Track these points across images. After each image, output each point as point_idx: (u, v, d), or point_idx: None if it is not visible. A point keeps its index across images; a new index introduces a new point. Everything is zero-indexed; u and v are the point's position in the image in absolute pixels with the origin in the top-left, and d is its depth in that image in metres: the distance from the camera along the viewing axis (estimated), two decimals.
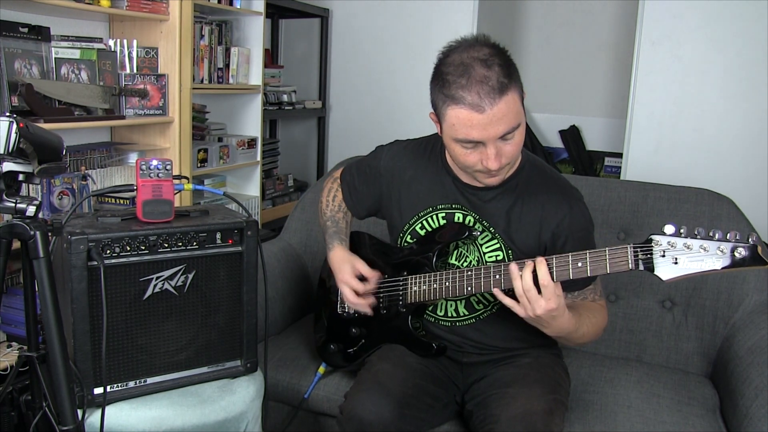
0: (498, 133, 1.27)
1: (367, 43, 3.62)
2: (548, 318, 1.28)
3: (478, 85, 1.24)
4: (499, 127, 1.27)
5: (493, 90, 1.24)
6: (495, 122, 1.26)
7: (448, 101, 1.29)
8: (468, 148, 1.32)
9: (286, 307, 2.05)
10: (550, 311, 1.26)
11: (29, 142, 1.15)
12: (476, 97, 1.24)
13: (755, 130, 2.73)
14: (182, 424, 1.36)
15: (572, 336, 1.37)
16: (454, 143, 1.33)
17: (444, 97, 1.29)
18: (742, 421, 1.48)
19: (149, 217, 1.40)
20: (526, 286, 1.26)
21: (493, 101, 1.24)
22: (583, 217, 1.46)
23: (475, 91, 1.24)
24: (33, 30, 2.02)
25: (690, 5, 2.78)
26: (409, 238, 1.57)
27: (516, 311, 1.30)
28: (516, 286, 1.28)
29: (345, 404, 1.42)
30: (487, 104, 1.24)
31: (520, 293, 1.28)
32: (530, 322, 1.32)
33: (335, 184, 1.76)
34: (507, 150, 1.32)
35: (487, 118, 1.25)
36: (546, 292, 1.25)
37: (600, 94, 3.91)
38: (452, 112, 1.28)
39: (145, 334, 1.38)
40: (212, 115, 3.04)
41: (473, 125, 1.27)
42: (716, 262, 1.14)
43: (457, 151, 1.34)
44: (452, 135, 1.31)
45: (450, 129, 1.31)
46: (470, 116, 1.26)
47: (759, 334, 1.64)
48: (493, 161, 1.30)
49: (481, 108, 1.25)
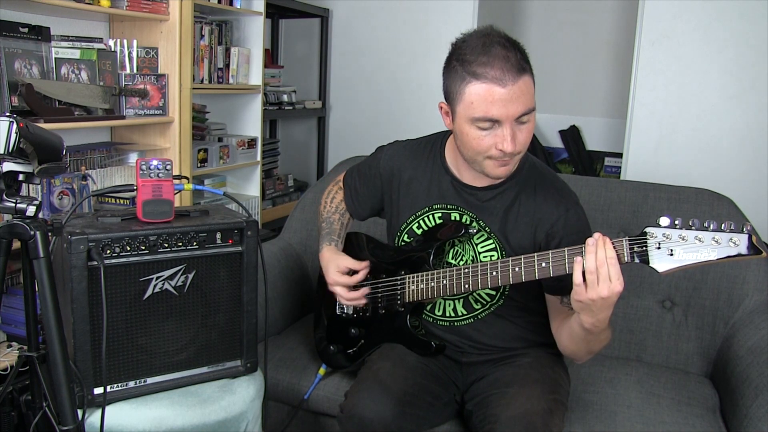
0: (517, 111, 1.28)
1: (367, 43, 3.62)
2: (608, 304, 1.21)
3: (501, 60, 1.26)
4: (519, 106, 1.27)
5: (514, 67, 1.26)
6: (515, 100, 1.27)
7: (468, 78, 1.29)
8: (484, 129, 1.31)
9: (286, 307, 2.05)
10: (617, 294, 1.19)
11: (29, 142, 1.15)
12: (499, 71, 1.26)
13: (755, 130, 2.73)
14: (182, 424, 1.36)
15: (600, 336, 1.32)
16: (470, 126, 1.32)
17: (464, 74, 1.30)
18: (742, 421, 1.48)
19: (149, 217, 1.40)
20: (600, 262, 1.19)
21: (514, 78, 1.26)
22: (578, 220, 1.46)
23: (498, 66, 1.26)
24: (33, 30, 2.02)
25: (690, 5, 2.78)
26: (406, 237, 1.57)
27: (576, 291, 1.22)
28: (589, 261, 1.20)
29: (345, 403, 1.42)
30: (509, 79, 1.26)
31: (592, 269, 1.19)
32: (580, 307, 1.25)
33: (335, 187, 1.77)
34: (521, 137, 1.32)
35: (509, 93, 1.26)
36: (614, 272, 1.19)
37: (600, 94, 3.91)
38: (472, 88, 1.29)
39: (145, 334, 1.38)
40: (212, 115, 3.04)
41: (494, 100, 1.27)
42: (711, 253, 1.14)
43: (471, 134, 1.33)
44: (470, 114, 1.31)
45: (467, 108, 1.31)
46: (492, 91, 1.26)
47: (759, 334, 1.64)
48: (509, 143, 1.29)
49: (503, 82, 1.26)
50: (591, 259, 1.20)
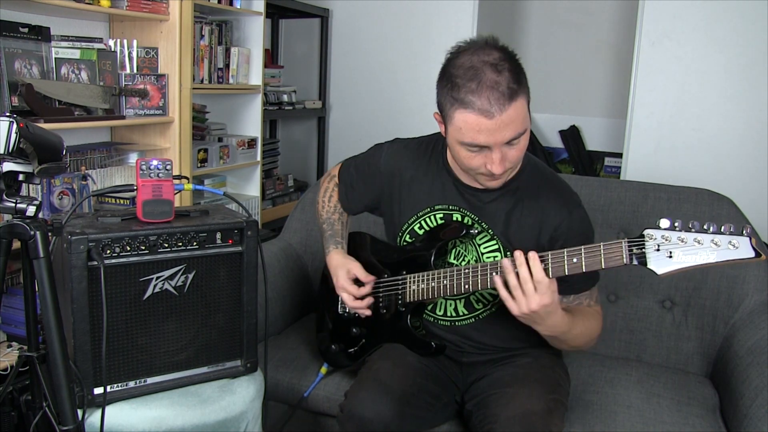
0: (505, 138, 1.27)
1: (367, 43, 3.62)
2: (543, 314, 1.27)
3: (488, 90, 1.24)
4: (507, 132, 1.26)
5: (502, 96, 1.24)
6: (503, 128, 1.25)
7: (456, 104, 1.28)
8: (473, 151, 1.31)
9: (286, 307, 2.05)
10: (544, 306, 1.25)
11: (29, 142, 1.15)
12: (486, 102, 1.24)
13: (755, 130, 2.73)
14: (182, 424, 1.36)
15: (565, 337, 1.36)
16: (459, 146, 1.33)
17: (453, 100, 1.28)
18: (742, 421, 1.48)
19: (149, 217, 1.40)
20: (523, 279, 1.25)
21: (502, 107, 1.24)
22: (582, 222, 1.46)
23: (485, 97, 1.24)
24: (33, 30, 2.02)
25: (690, 5, 2.78)
26: (408, 237, 1.57)
27: (509, 306, 1.29)
28: (510, 280, 1.27)
29: (345, 403, 1.42)
30: (496, 110, 1.24)
31: (514, 285, 1.26)
32: (523, 319, 1.31)
33: (331, 184, 1.76)
34: (511, 154, 1.31)
35: (496, 124, 1.25)
36: (540, 287, 1.24)
37: (600, 94, 3.91)
38: (460, 116, 1.28)
39: (145, 334, 1.38)
40: (212, 115, 3.04)
41: (481, 130, 1.26)
42: (711, 255, 1.13)
43: (461, 153, 1.34)
44: (458, 138, 1.31)
45: (456, 132, 1.31)
46: (479, 121, 1.25)
47: (759, 334, 1.64)
48: (497, 166, 1.30)
49: (490, 114, 1.24)
50: (512, 279, 1.27)
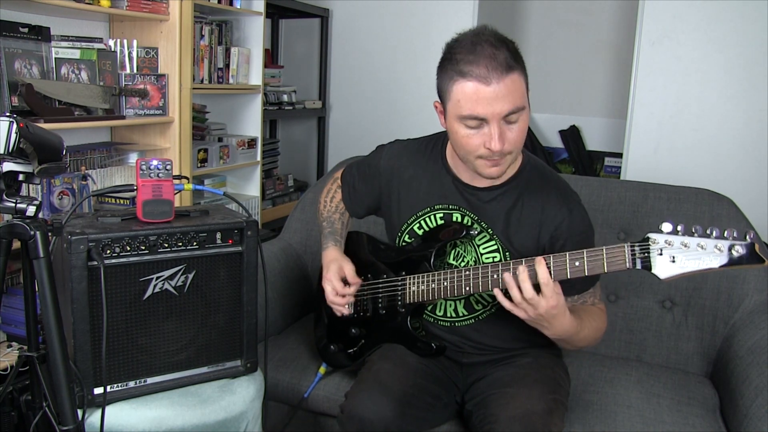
0: (503, 110, 1.27)
1: (367, 43, 3.62)
2: (549, 317, 1.27)
3: (486, 59, 1.26)
4: (505, 104, 1.27)
5: (500, 66, 1.26)
6: (500, 98, 1.26)
7: (455, 76, 1.29)
8: (472, 128, 1.31)
9: (286, 307, 2.05)
10: (550, 309, 1.25)
11: (29, 142, 1.15)
12: (484, 70, 1.26)
13: (755, 130, 2.73)
14: (182, 424, 1.36)
15: (573, 339, 1.36)
16: (459, 124, 1.33)
17: (452, 73, 1.30)
18: (742, 421, 1.48)
19: (149, 217, 1.40)
20: (527, 295, 1.26)
21: (500, 76, 1.26)
22: (582, 221, 1.46)
23: (483, 65, 1.26)
24: (33, 30, 2.02)
25: (690, 5, 2.78)
26: (407, 237, 1.57)
27: (516, 313, 1.30)
28: (514, 295, 1.27)
29: (345, 403, 1.42)
30: (494, 77, 1.25)
31: (518, 300, 1.27)
32: (531, 323, 1.32)
33: (334, 185, 1.76)
34: (510, 136, 1.31)
35: (493, 92, 1.26)
36: (546, 291, 1.25)
37: (600, 94, 3.91)
38: (458, 86, 1.29)
39: (145, 334, 1.38)
40: (212, 115, 3.04)
41: (479, 99, 1.27)
42: (714, 261, 1.13)
43: (460, 133, 1.33)
44: (457, 112, 1.31)
45: (455, 106, 1.31)
46: (476, 89, 1.26)
47: (759, 334, 1.64)
48: (496, 142, 1.29)
49: (487, 80, 1.25)
50: (515, 294, 1.28)
